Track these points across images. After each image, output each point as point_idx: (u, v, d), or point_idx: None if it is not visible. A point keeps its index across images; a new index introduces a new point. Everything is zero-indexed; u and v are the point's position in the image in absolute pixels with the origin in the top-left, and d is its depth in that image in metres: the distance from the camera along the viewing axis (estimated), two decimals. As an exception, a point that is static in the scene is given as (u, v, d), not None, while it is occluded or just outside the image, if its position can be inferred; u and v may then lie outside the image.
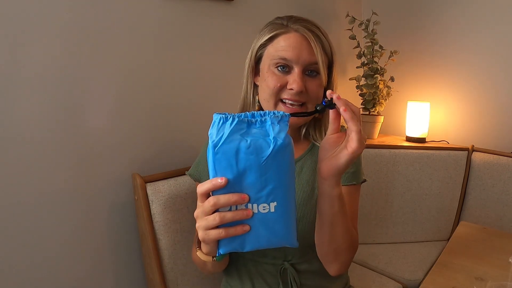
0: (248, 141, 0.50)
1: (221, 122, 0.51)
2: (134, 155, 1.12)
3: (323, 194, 0.67)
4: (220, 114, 0.52)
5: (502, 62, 1.65)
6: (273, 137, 0.51)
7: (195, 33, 1.23)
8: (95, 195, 1.05)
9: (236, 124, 0.51)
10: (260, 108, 0.86)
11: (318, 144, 0.89)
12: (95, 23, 1.00)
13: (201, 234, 0.55)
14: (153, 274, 1.04)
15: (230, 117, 0.52)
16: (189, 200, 1.09)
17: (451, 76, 1.80)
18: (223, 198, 0.52)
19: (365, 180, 0.91)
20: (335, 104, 0.62)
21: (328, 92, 0.62)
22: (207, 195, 0.54)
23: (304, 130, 0.90)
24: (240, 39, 1.36)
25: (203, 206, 0.54)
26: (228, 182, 0.51)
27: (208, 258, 0.68)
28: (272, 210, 0.53)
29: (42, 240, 0.97)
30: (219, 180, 0.51)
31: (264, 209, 0.53)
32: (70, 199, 1.01)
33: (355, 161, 0.88)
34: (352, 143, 0.59)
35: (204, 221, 0.54)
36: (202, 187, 0.53)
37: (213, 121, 0.52)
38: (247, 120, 0.53)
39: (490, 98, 1.71)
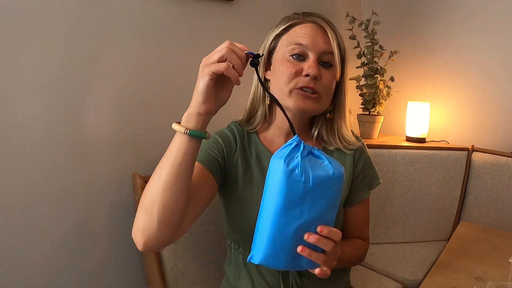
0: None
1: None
2: (134, 155, 1.12)
3: None
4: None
5: (502, 62, 1.65)
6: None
7: (195, 33, 1.23)
8: (95, 195, 1.05)
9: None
10: (271, 103, 0.85)
11: (329, 149, 0.89)
12: (96, 23, 1.00)
13: (201, 70, 0.60)
14: (153, 274, 1.04)
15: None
16: (189, 200, 1.09)
17: (451, 76, 1.80)
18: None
19: (379, 183, 0.96)
20: (257, 62, 0.65)
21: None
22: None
23: (316, 132, 0.89)
24: (240, 39, 1.34)
25: (218, 49, 0.60)
26: None
27: (180, 128, 0.62)
28: None
29: (42, 240, 0.97)
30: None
31: None
32: (70, 199, 1.01)
33: (367, 174, 0.93)
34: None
35: (209, 58, 0.60)
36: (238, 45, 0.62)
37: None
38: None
39: (490, 98, 1.71)
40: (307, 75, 0.76)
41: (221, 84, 0.62)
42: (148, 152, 1.15)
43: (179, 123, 0.63)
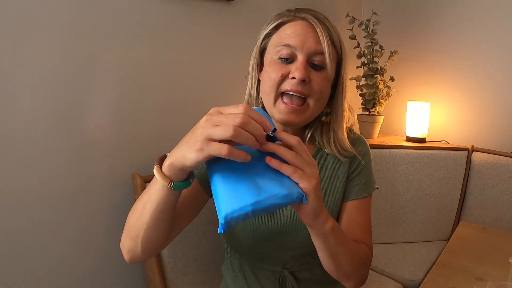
0: None
1: None
2: (134, 155, 1.12)
3: (315, 235, 0.62)
4: None
5: (502, 62, 1.65)
6: None
7: (195, 33, 1.23)
8: (95, 195, 1.05)
9: None
10: (263, 105, 0.79)
11: (325, 151, 0.83)
12: (95, 23, 1.00)
13: (199, 143, 0.47)
14: (153, 274, 1.04)
15: None
16: (189, 200, 1.09)
17: (451, 76, 1.80)
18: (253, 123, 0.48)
19: (376, 188, 0.88)
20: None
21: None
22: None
23: (309, 135, 0.83)
24: (240, 39, 1.36)
25: (222, 115, 0.48)
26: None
27: (164, 181, 0.54)
28: None
29: (42, 240, 0.97)
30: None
31: None
32: (70, 199, 1.01)
33: (363, 172, 0.85)
34: (299, 184, 0.53)
35: (212, 129, 0.47)
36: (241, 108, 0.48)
37: None
38: None
39: (490, 98, 1.71)
40: (293, 78, 0.71)
41: None
42: (148, 152, 1.15)
43: (161, 161, 0.56)
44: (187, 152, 0.49)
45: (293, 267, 0.84)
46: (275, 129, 0.53)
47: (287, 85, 0.72)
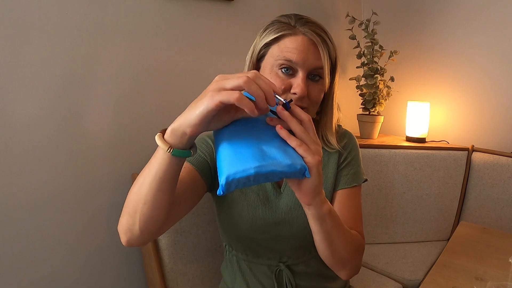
0: None
1: None
2: (134, 155, 1.12)
3: (313, 217, 0.64)
4: None
5: (502, 62, 1.65)
6: None
7: (195, 33, 1.23)
8: (96, 195, 1.05)
9: None
10: None
11: None
12: (96, 23, 1.00)
13: (210, 93, 0.50)
14: (153, 274, 1.04)
15: None
16: (189, 200, 1.09)
17: (451, 76, 1.80)
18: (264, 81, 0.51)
19: (366, 180, 0.89)
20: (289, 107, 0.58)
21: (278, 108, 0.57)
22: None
23: None
24: (240, 39, 1.36)
25: (233, 75, 0.51)
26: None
27: (165, 146, 0.56)
28: None
29: (42, 240, 0.97)
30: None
31: None
32: (71, 199, 1.01)
33: (352, 163, 0.88)
34: (304, 158, 0.55)
35: (225, 81, 0.51)
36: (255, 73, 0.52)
37: None
38: None
39: (490, 98, 1.70)
40: (295, 94, 0.75)
41: (223, 111, 0.54)
42: (148, 153, 1.14)
43: (164, 131, 0.58)
44: (196, 108, 0.51)
45: (289, 260, 0.85)
46: (291, 100, 0.57)
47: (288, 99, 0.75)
